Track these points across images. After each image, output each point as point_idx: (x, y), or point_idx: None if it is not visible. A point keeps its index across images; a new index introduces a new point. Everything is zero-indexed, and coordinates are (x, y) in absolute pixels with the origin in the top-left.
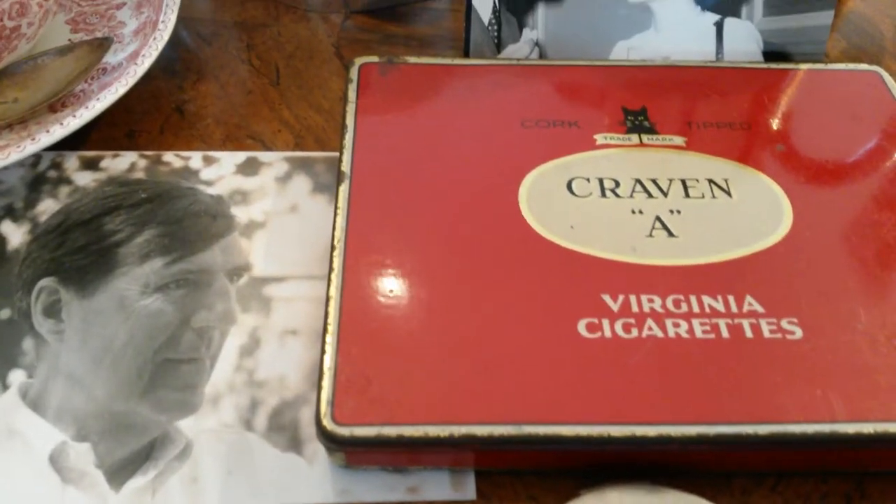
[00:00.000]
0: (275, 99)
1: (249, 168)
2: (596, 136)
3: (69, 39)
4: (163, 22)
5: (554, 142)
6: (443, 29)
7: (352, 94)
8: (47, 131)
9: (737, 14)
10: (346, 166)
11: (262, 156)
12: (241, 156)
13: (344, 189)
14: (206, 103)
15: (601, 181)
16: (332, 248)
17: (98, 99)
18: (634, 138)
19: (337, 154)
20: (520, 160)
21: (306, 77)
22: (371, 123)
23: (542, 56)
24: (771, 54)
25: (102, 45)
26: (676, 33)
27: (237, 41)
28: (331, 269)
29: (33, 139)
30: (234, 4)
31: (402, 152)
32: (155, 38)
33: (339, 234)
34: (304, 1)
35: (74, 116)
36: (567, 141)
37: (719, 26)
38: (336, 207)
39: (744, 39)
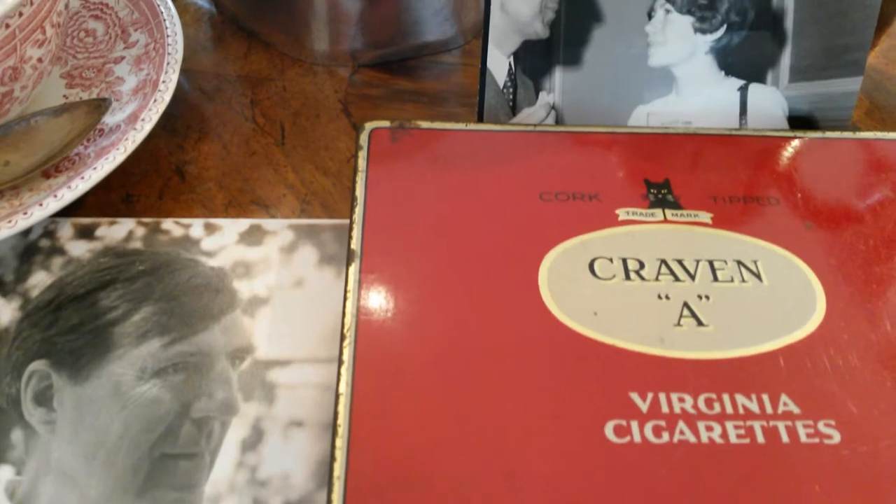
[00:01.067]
0: (280, 160)
1: (253, 237)
2: (618, 212)
3: (64, 96)
4: (164, 82)
5: (574, 217)
6: (453, 84)
7: (362, 163)
8: (40, 204)
9: (762, 80)
10: (356, 243)
11: (267, 223)
12: (244, 223)
13: (354, 270)
14: (208, 165)
15: (625, 262)
16: (343, 337)
17: (94, 168)
18: (658, 214)
19: (344, 221)
20: (539, 237)
21: (312, 136)
22: (382, 195)
23: (558, 120)
24: (796, 119)
25: (100, 106)
26: (699, 98)
27: (241, 96)
28: (340, 362)
29: (26, 213)
30: (238, 57)
31: (414, 227)
32: (155, 101)
33: (349, 320)
34: (311, 53)
35: (69, 188)
36: (588, 216)
37: (743, 92)
38: (346, 290)
39: (768, 105)
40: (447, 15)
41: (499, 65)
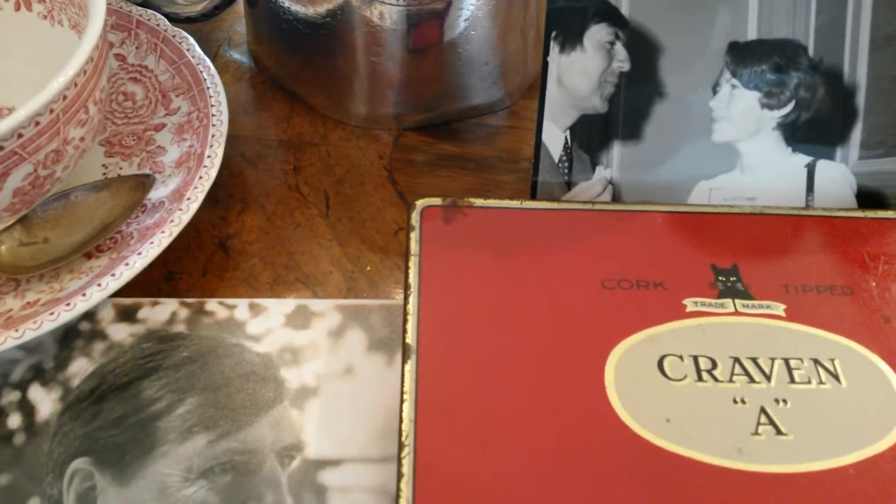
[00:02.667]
0: (325, 233)
1: (299, 319)
2: (686, 302)
3: (103, 165)
4: (209, 157)
5: (640, 308)
6: (499, 149)
7: (414, 246)
8: (84, 294)
9: (830, 156)
10: (411, 337)
11: (313, 304)
12: (289, 304)
13: (410, 369)
14: (252, 238)
15: (696, 360)
16: (401, 446)
17: (140, 253)
18: (728, 305)
19: (392, 302)
20: (603, 330)
21: (358, 206)
22: (437, 282)
23: (615, 195)
24: (865, 197)
25: (144, 183)
26: (764, 174)
27: (283, 163)
28: (400, 475)
29: (69, 304)
30: (280, 119)
31: (472, 318)
32: (201, 177)
33: (407, 427)
34: (354, 116)
35: (114, 275)
36: (654, 307)
37: (811, 168)
38: (402, 391)
39: (836, 183)
40: (494, 79)
41: (554, 139)
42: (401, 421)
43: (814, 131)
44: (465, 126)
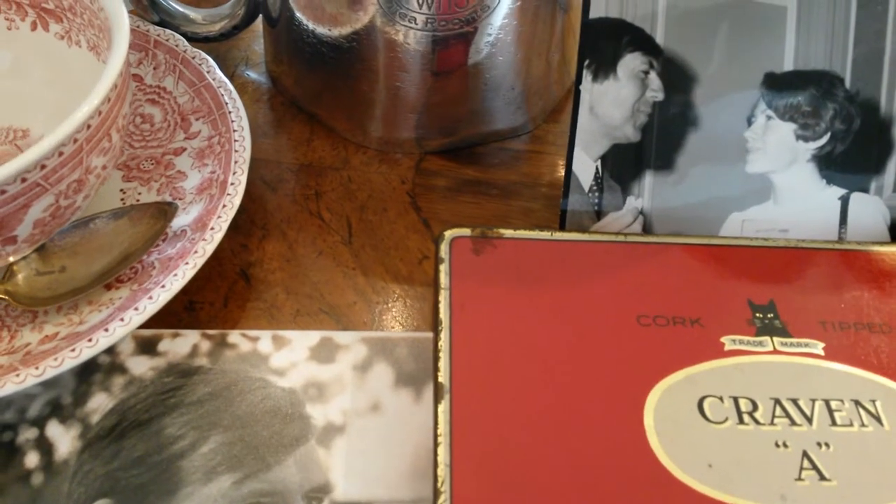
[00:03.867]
0: (348, 261)
1: (324, 352)
2: (723, 340)
3: (121, 190)
4: (232, 184)
5: (677, 345)
6: (523, 174)
7: (444, 279)
8: (106, 329)
9: (865, 189)
10: (444, 376)
11: (338, 336)
12: (314, 336)
13: (444, 410)
14: (274, 267)
15: (736, 402)
16: (436, 493)
17: (163, 287)
18: (767, 343)
19: (419, 334)
20: (641, 370)
21: (381, 234)
22: (468, 318)
23: (646, 226)
24: None
25: (166, 212)
26: (797, 206)
27: (304, 188)
28: None
29: (90, 340)
30: (300, 143)
31: (505, 356)
32: (225, 206)
33: (443, 472)
34: (375, 140)
35: (136, 309)
36: (691, 344)
37: (844, 201)
38: (436, 433)
39: (870, 215)
40: (519, 103)
41: (585, 168)
42: (435, 465)
43: (848, 163)
44: (487, 150)
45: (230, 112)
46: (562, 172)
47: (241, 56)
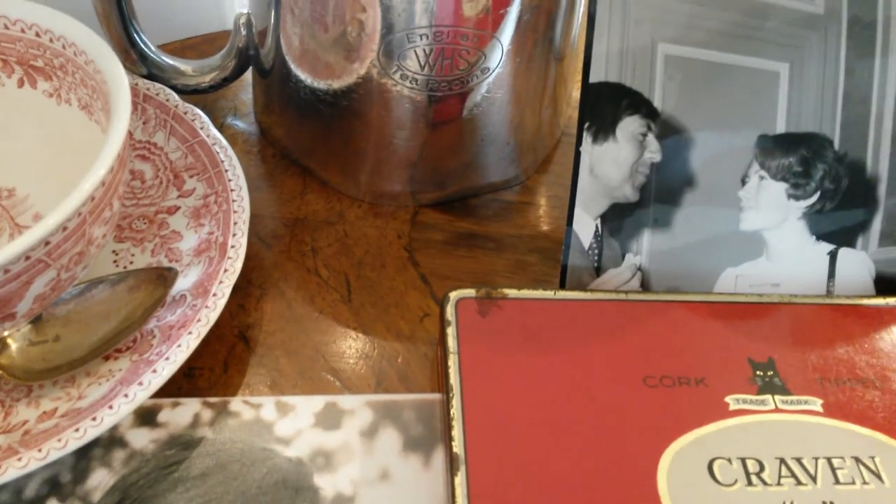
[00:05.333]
0: (348, 320)
1: (330, 418)
2: (728, 399)
3: (113, 252)
4: (233, 247)
5: (684, 407)
6: (517, 225)
7: (452, 343)
8: (110, 407)
9: (851, 244)
10: (458, 446)
11: (342, 400)
12: (318, 401)
13: (461, 482)
14: (273, 328)
15: (744, 463)
16: None
17: (167, 359)
18: (769, 401)
19: (424, 396)
20: (652, 432)
21: (380, 290)
22: (479, 383)
23: (644, 282)
24: (881, 281)
25: (165, 278)
26: (788, 261)
27: (300, 243)
28: None
29: (95, 419)
30: (293, 196)
31: (518, 421)
32: (226, 271)
33: None
34: (369, 193)
35: (140, 384)
36: (698, 405)
37: (833, 256)
38: None
39: (856, 269)
40: (512, 157)
41: (585, 226)
42: None
43: (837, 220)
44: (481, 202)
45: (226, 170)
46: (554, 224)
47: (228, 106)
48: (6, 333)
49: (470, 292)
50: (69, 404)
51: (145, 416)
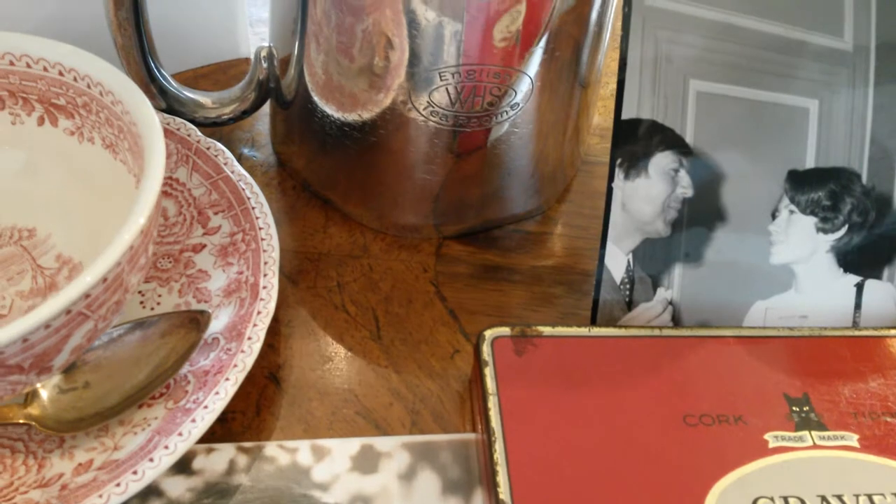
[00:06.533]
0: (379, 358)
1: (366, 461)
2: (767, 437)
3: (140, 293)
4: (264, 287)
5: (725, 445)
6: (541, 257)
7: (490, 384)
8: (151, 460)
9: (878, 276)
10: (504, 492)
11: (378, 442)
12: (353, 444)
13: None
14: (304, 367)
15: (787, 502)
16: None
17: (206, 407)
18: (806, 438)
19: (460, 436)
20: (696, 473)
21: (409, 327)
22: (520, 425)
23: (675, 315)
24: None
25: (198, 322)
26: (817, 294)
27: (326, 279)
28: None
29: (136, 473)
30: (316, 230)
31: (559, 463)
32: (259, 313)
33: None
34: (392, 226)
35: (180, 435)
36: (738, 444)
37: (860, 287)
38: None
39: (882, 300)
40: (536, 188)
41: (617, 261)
42: None
43: (864, 253)
44: (503, 233)
45: (253, 208)
46: (578, 255)
47: (245, 137)
48: (39, 385)
49: (504, 330)
50: (105, 455)
51: (180, 464)
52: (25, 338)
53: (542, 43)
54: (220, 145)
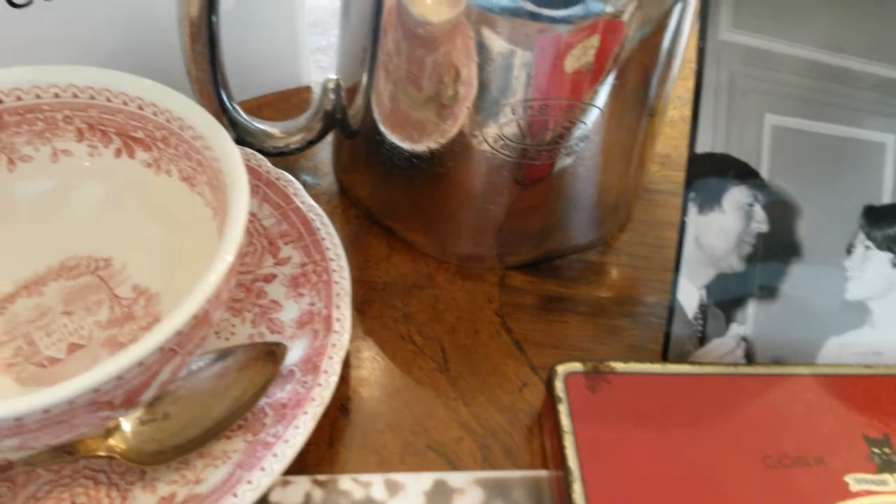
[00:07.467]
0: (447, 391)
1: (440, 497)
2: (847, 479)
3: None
4: (338, 320)
5: (807, 488)
6: (605, 287)
7: (566, 421)
8: (234, 495)
9: None
10: None
11: (450, 478)
12: (426, 479)
13: None
14: (374, 398)
15: None
16: None
17: (286, 441)
18: (889, 481)
19: (533, 473)
20: None
21: (476, 358)
22: (597, 464)
23: (749, 352)
24: None
25: (275, 355)
26: (892, 330)
27: (392, 308)
28: None
29: None
30: (381, 259)
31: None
32: (334, 345)
33: None
34: (455, 255)
35: (263, 469)
36: (819, 487)
37: None
38: None
39: None
40: (600, 218)
41: (689, 296)
42: None
43: None
44: (566, 263)
45: (323, 238)
46: (642, 286)
47: (308, 166)
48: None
49: (577, 366)
50: (187, 489)
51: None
52: (121, 375)
53: (613, 74)
54: (288, 176)
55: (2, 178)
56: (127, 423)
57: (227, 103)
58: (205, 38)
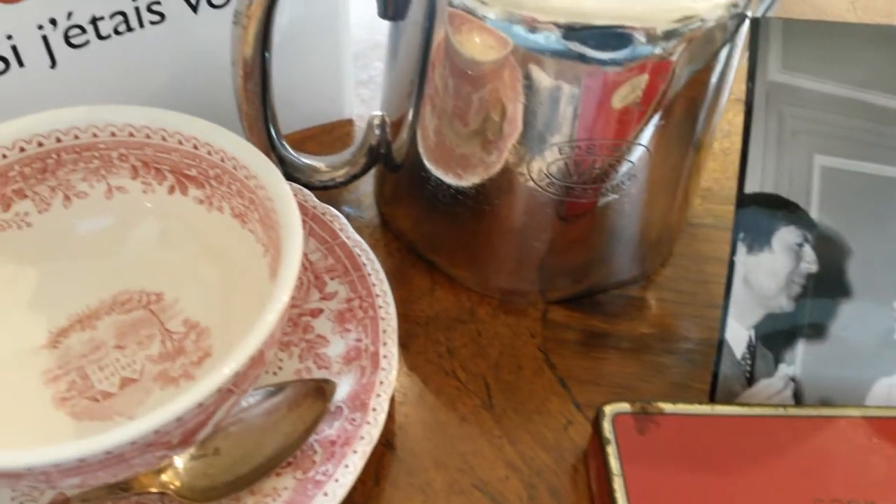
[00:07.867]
0: (492, 428)
1: None
2: None
3: None
4: (384, 356)
5: None
6: (648, 323)
7: (614, 464)
8: None
9: None
10: None
11: None
12: None
13: None
14: (419, 435)
15: None
16: None
17: (337, 480)
18: None
19: None
20: None
21: (520, 396)
22: None
23: (797, 392)
24: None
25: (324, 392)
26: None
27: (435, 343)
28: None
29: None
30: (423, 293)
31: None
32: (382, 383)
33: None
34: (497, 290)
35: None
36: None
37: None
38: None
39: None
40: (642, 254)
41: (738, 336)
42: None
43: None
44: (608, 298)
45: (369, 274)
46: (686, 322)
47: (351, 199)
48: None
49: (624, 407)
50: None
51: None
52: (180, 417)
53: (661, 113)
54: (334, 210)
55: (58, 214)
56: (179, 460)
57: (276, 140)
58: (257, 77)
